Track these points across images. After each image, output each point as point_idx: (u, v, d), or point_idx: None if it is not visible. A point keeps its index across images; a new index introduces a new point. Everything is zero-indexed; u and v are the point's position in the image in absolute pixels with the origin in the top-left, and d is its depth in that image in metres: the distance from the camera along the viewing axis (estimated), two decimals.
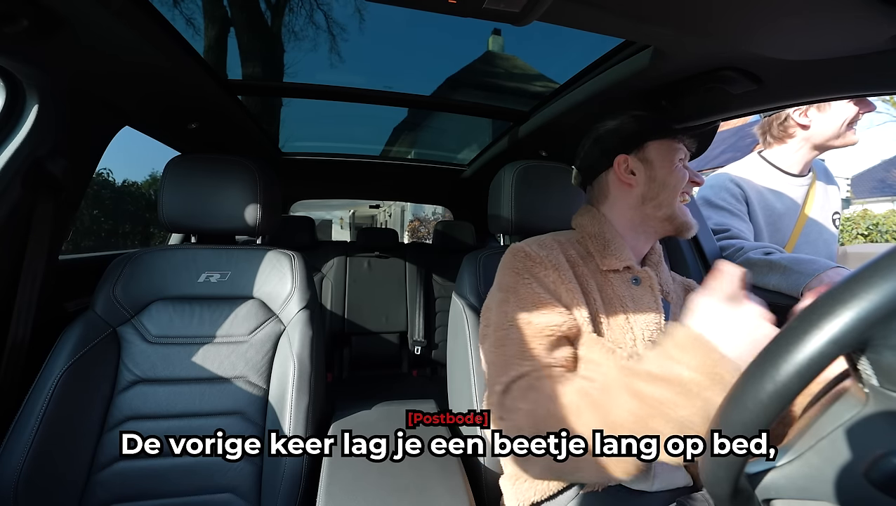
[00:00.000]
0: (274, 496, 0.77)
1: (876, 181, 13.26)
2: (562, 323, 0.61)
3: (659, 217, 0.70)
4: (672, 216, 0.70)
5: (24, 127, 0.76)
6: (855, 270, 0.27)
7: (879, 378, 0.28)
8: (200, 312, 0.88)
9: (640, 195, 0.70)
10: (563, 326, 0.61)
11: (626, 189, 0.71)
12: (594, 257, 0.70)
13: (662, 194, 0.69)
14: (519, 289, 0.64)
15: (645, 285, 0.69)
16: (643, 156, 0.71)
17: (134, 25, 0.69)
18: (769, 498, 0.32)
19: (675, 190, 0.69)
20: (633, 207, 0.71)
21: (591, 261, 0.70)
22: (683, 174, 0.70)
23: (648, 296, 0.68)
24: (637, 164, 0.71)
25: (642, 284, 0.69)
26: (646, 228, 0.72)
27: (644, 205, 0.70)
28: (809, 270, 0.88)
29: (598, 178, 0.75)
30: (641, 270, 0.70)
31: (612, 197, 0.73)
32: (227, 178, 0.93)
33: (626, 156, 0.71)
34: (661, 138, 0.71)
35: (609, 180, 0.73)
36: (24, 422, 0.70)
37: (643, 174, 0.70)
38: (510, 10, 0.54)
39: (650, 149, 0.70)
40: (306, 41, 1.10)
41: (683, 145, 0.73)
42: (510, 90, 1.43)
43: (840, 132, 1.07)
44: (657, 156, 0.70)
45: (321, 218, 11.80)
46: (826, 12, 0.53)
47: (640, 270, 0.70)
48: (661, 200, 0.69)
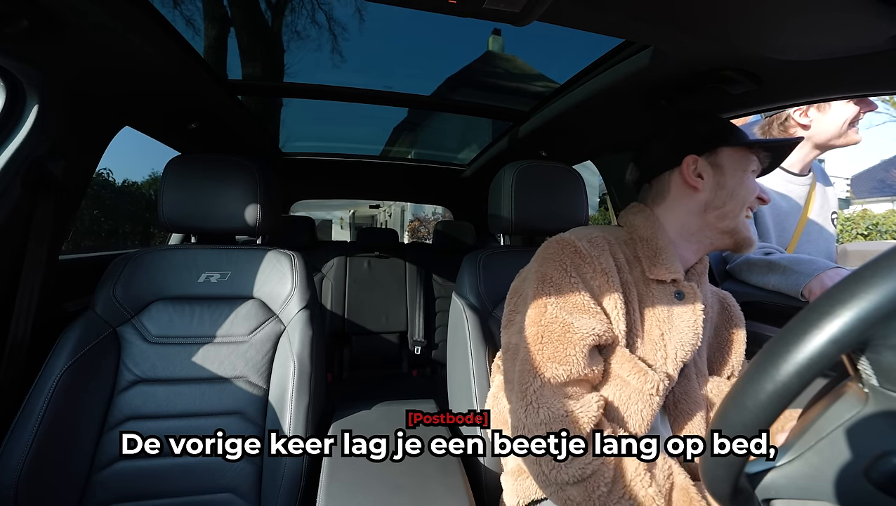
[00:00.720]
0: (274, 496, 0.77)
1: (876, 181, 13.26)
2: (602, 333, 0.58)
3: (720, 228, 0.66)
4: (735, 229, 0.66)
5: (24, 127, 0.76)
6: (855, 270, 0.27)
7: (879, 378, 0.28)
8: (200, 312, 0.88)
9: (704, 201, 0.66)
10: (603, 335, 0.58)
11: (690, 192, 0.67)
12: (641, 263, 0.66)
13: (729, 204, 0.65)
14: (563, 286, 0.61)
15: (688, 303, 0.65)
16: (715, 160, 0.66)
17: (134, 25, 0.69)
18: (769, 498, 0.32)
19: (743, 202, 0.65)
20: (693, 213, 0.67)
21: (636, 267, 0.66)
22: (754, 187, 0.66)
23: (689, 315, 0.64)
24: (706, 167, 0.66)
25: (685, 300, 0.65)
26: (701, 237, 0.68)
27: (706, 213, 0.66)
28: (809, 270, 0.88)
29: (660, 176, 0.70)
30: (687, 286, 0.66)
31: (672, 199, 0.68)
32: (227, 178, 0.93)
33: (696, 157, 0.66)
34: (737, 145, 0.67)
35: (672, 180, 0.69)
36: (24, 422, 0.70)
37: (711, 179, 0.66)
38: (510, 10, 0.54)
39: (723, 154, 0.66)
40: (306, 41, 1.10)
41: (758, 158, 0.69)
42: (510, 90, 1.43)
43: (841, 131, 1.07)
44: (730, 163, 0.66)
45: (321, 218, 11.81)
46: (826, 12, 0.53)
47: (686, 286, 0.66)
48: (727, 211, 0.65)
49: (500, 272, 0.93)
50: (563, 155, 1.42)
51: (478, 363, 0.83)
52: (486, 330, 0.87)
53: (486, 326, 0.88)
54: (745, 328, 0.76)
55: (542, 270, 0.64)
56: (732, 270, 1.09)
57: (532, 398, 0.56)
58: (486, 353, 0.84)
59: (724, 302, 0.77)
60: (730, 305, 0.77)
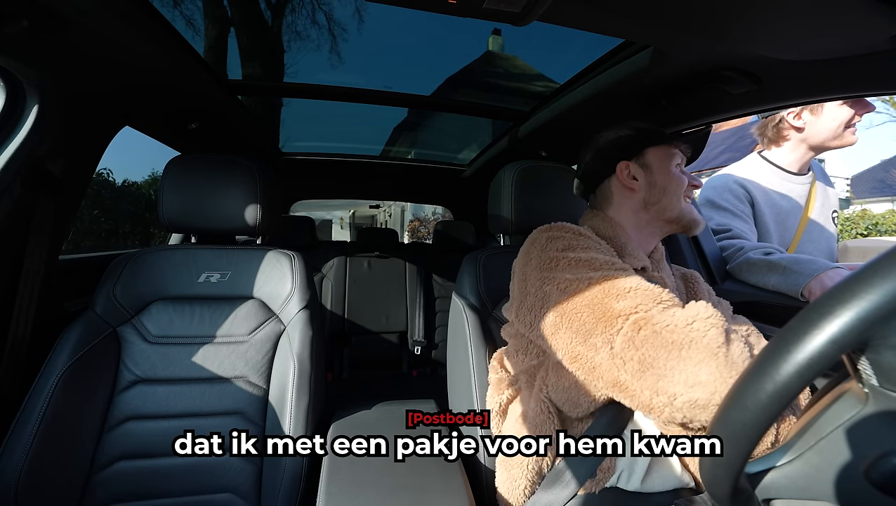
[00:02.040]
0: (274, 496, 0.77)
1: (875, 181, 13.27)
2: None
3: (665, 218, 0.73)
4: (679, 217, 0.73)
5: (24, 127, 0.76)
6: (855, 270, 0.27)
7: (879, 378, 0.28)
8: (200, 312, 0.88)
9: (643, 200, 0.73)
10: None
11: (629, 194, 0.74)
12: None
13: (664, 200, 0.72)
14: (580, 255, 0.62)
15: None
16: (643, 161, 0.74)
17: (134, 26, 0.69)
18: (769, 498, 0.32)
19: (676, 194, 0.72)
20: (636, 211, 0.74)
21: None
22: (682, 179, 0.73)
23: None
24: (638, 169, 0.74)
25: None
26: (652, 228, 0.75)
27: (647, 210, 0.73)
28: (809, 270, 0.88)
29: (601, 185, 0.78)
30: (656, 276, 0.71)
31: (616, 202, 0.75)
32: (227, 178, 0.93)
33: (627, 162, 0.74)
34: (658, 144, 0.74)
35: (612, 186, 0.76)
36: (24, 422, 0.70)
37: (644, 179, 0.73)
38: (510, 10, 0.54)
39: (649, 155, 0.74)
40: (306, 41, 1.10)
41: (679, 150, 0.75)
42: (510, 90, 1.43)
43: (836, 133, 1.07)
44: (655, 161, 0.73)
45: (321, 218, 11.80)
46: (826, 12, 0.53)
47: (655, 275, 0.72)
48: (664, 205, 0.72)
49: (500, 272, 0.93)
50: (563, 155, 1.42)
51: (478, 363, 0.83)
52: (486, 330, 0.87)
53: (486, 326, 0.88)
54: (711, 296, 0.80)
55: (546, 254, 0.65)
56: (732, 271, 1.09)
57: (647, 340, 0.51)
58: (486, 353, 0.84)
59: (687, 278, 0.81)
60: (694, 280, 0.81)
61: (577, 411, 0.62)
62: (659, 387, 0.48)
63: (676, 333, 0.49)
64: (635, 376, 0.50)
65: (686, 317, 0.50)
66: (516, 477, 0.66)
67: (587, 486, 0.62)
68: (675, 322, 0.50)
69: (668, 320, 0.50)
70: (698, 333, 0.48)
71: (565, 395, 0.62)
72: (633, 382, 0.50)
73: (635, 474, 0.63)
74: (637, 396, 0.51)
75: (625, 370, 0.51)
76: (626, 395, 0.52)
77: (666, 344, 0.49)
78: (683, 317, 0.50)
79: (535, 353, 0.71)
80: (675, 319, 0.50)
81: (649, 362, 0.49)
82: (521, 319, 0.68)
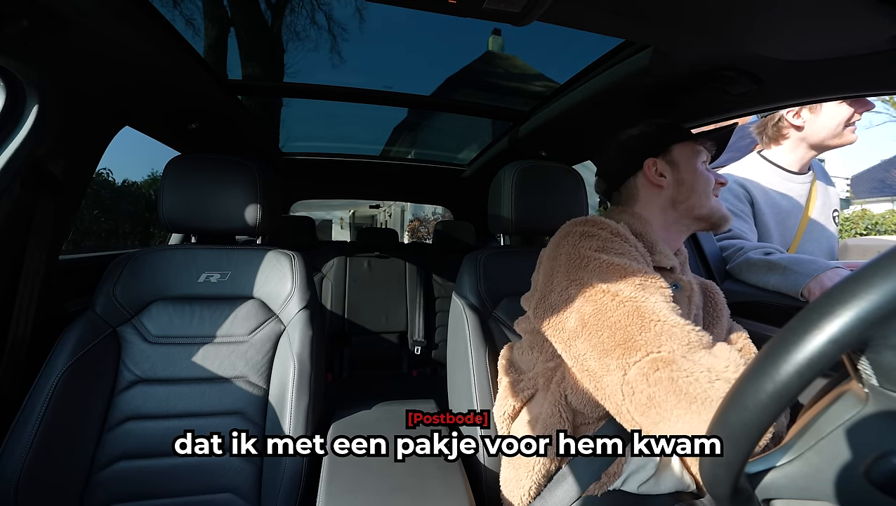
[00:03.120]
0: (274, 496, 0.77)
1: (875, 181, 13.27)
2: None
3: (694, 216, 0.72)
4: (709, 214, 0.71)
5: (23, 127, 0.76)
6: (855, 270, 0.27)
7: (879, 378, 0.28)
8: (200, 312, 0.88)
9: (671, 197, 0.71)
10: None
11: (657, 191, 0.72)
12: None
13: (692, 198, 0.71)
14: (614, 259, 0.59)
15: (683, 295, 0.67)
16: (669, 158, 0.72)
17: (134, 25, 0.69)
18: (769, 498, 0.32)
19: (706, 192, 0.71)
20: (664, 209, 0.72)
21: None
22: (709, 176, 0.72)
23: (685, 307, 0.66)
24: (665, 166, 0.72)
25: (682, 292, 0.67)
26: (679, 227, 0.73)
27: (675, 208, 0.72)
28: (808, 270, 0.88)
29: (626, 182, 0.75)
30: (683, 279, 0.69)
31: (643, 199, 0.74)
32: (227, 178, 0.93)
33: (654, 158, 0.72)
34: (683, 141, 0.73)
35: (638, 184, 0.74)
36: (24, 422, 0.70)
37: (671, 176, 0.71)
38: (510, 10, 0.54)
39: (675, 152, 0.72)
40: (306, 41, 1.10)
41: (704, 148, 0.74)
42: (510, 90, 1.43)
43: (836, 132, 1.07)
44: (682, 158, 0.72)
45: (321, 218, 11.81)
46: (826, 13, 0.53)
47: (682, 278, 0.69)
48: (693, 203, 0.71)
49: (500, 272, 0.93)
50: (563, 155, 1.42)
51: (478, 363, 0.83)
52: (486, 330, 0.87)
53: (486, 326, 0.88)
54: (727, 315, 0.78)
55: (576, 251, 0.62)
56: (732, 270, 1.09)
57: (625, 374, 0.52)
58: (486, 353, 0.84)
59: (707, 289, 0.79)
60: (714, 293, 0.79)
61: (599, 410, 0.62)
62: (658, 427, 0.47)
63: (694, 387, 0.46)
64: (638, 410, 0.49)
65: (710, 372, 0.47)
66: (522, 477, 0.66)
67: (591, 488, 0.62)
68: (698, 376, 0.47)
69: (691, 370, 0.47)
70: (717, 393, 0.45)
71: (586, 396, 0.62)
72: (634, 413, 0.50)
73: (641, 477, 0.62)
74: (630, 425, 0.51)
75: (630, 400, 0.50)
76: (621, 419, 0.52)
77: (679, 393, 0.46)
78: (707, 371, 0.47)
79: (552, 352, 0.68)
80: (698, 371, 0.47)
81: (657, 403, 0.47)
82: (539, 316, 0.65)
